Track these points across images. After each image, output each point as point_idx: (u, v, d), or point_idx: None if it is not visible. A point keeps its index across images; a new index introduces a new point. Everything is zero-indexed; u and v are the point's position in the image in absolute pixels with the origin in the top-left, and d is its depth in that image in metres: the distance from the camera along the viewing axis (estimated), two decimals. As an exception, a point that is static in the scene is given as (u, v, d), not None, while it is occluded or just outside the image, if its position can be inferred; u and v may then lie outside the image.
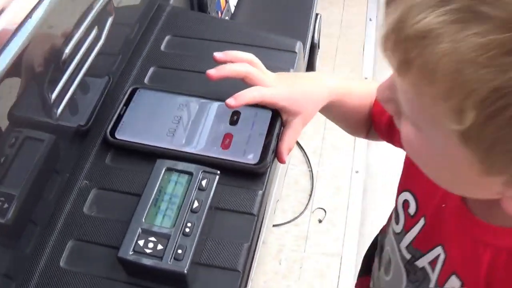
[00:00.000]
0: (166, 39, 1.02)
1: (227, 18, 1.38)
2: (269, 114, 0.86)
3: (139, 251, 0.72)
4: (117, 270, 0.74)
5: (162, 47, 1.01)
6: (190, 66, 0.96)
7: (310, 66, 1.57)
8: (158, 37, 1.02)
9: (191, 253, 0.71)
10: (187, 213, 0.74)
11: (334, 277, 2.08)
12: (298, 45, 1.01)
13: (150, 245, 0.72)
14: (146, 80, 0.96)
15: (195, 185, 0.76)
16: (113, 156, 0.87)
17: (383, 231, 0.95)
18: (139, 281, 0.75)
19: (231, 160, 0.82)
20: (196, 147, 0.84)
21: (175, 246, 0.72)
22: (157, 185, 0.77)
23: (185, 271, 0.70)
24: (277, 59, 0.98)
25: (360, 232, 2.19)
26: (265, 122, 0.86)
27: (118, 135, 0.87)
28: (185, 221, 0.73)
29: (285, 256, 2.14)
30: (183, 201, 0.75)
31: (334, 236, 2.19)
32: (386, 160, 2.40)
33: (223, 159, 0.82)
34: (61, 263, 0.76)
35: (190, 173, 0.77)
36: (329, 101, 0.87)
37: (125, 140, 0.86)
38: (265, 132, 0.85)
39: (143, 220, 0.74)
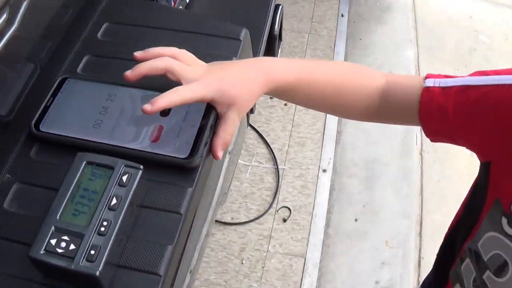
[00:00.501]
0: (104, 26, 0.96)
1: (181, 7, 1.32)
2: (203, 104, 0.80)
3: (50, 251, 0.66)
4: (33, 269, 0.69)
5: (99, 35, 0.95)
6: (128, 55, 0.89)
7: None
8: (96, 24, 0.96)
9: (106, 254, 0.66)
10: (103, 210, 0.68)
11: (297, 278, 2.03)
12: (244, 32, 0.95)
13: (63, 244, 0.66)
14: (79, 69, 0.90)
15: (115, 181, 0.70)
16: (38, 149, 0.81)
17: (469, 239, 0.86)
18: (53, 282, 0.70)
19: (159, 154, 0.76)
20: (123, 140, 0.78)
21: (88, 246, 0.66)
22: (75, 180, 0.71)
23: (97, 274, 0.64)
24: (220, 47, 0.92)
25: (325, 232, 2.14)
26: (198, 112, 0.80)
27: (43, 128, 0.81)
28: (101, 219, 0.68)
29: (247, 255, 2.09)
30: (101, 198, 0.69)
31: (298, 236, 2.14)
32: (354, 159, 2.35)
33: (150, 152, 0.77)
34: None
35: (111, 167, 0.71)
36: (275, 85, 0.81)
37: (50, 133, 0.80)
38: (199, 124, 0.79)
39: (58, 217, 0.68)
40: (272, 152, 2.34)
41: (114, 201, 0.69)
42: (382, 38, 2.80)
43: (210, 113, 0.79)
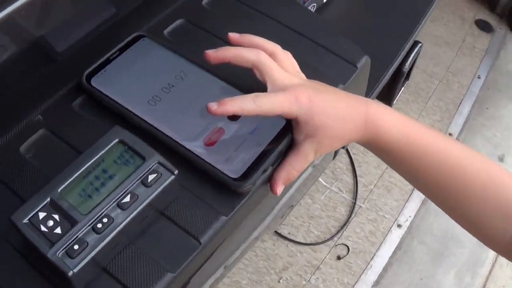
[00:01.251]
0: (216, -6, 0.82)
1: (311, 7, 1.17)
2: (281, 122, 0.65)
3: (33, 224, 0.54)
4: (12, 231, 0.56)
5: (205, 1, 0.80)
6: (224, 34, 0.75)
7: (389, 94, 1.34)
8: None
9: (91, 255, 0.52)
10: (111, 204, 0.55)
11: (326, 321, 1.85)
12: (364, 60, 0.78)
13: (50, 223, 0.54)
14: (166, 31, 0.76)
15: (139, 176, 0.56)
16: (82, 102, 0.69)
17: None
18: (27, 253, 0.57)
19: (206, 162, 0.62)
20: (173, 129, 0.64)
21: (75, 238, 0.53)
22: (98, 156, 0.58)
23: (69, 274, 0.51)
24: (330, 67, 0.76)
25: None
26: (271, 129, 0.65)
27: (95, 82, 0.68)
28: (102, 214, 0.54)
29: (287, 276, 1.93)
30: (115, 189, 0.55)
31: (345, 279, 1.96)
32: (433, 227, 2.14)
33: (197, 155, 0.62)
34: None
35: (142, 158, 0.57)
36: (372, 137, 0.64)
37: (99, 90, 0.67)
38: (266, 144, 0.64)
39: (59, 190, 0.55)
40: (357, 185, 2.16)
41: (127, 199, 0.55)
42: (510, 116, 2.53)
43: (284, 136, 0.64)
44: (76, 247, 0.52)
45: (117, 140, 0.58)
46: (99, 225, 0.53)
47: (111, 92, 0.66)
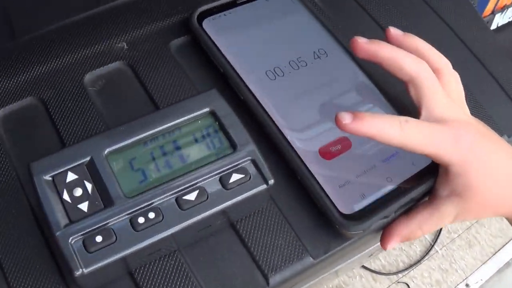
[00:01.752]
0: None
1: (488, 23, 0.95)
2: (425, 160, 0.45)
3: (56, 185, 0.38)
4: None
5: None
6: (383, 22, 0.56)
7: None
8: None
9: (116, 257, 0.36)
10: (167, 196, 0.37)
11: None
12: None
13: (77, 192, 0.38)
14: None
15: (219, 170, 0.39)
16: (184, 45, 0.51)
17: None
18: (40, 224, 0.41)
19: (315, 180, 0.43)
20: (286, 119, 0.46)
21: (102, 225, 0.36)
22: (176, 121, 0.40)
23: (76, 273, 0.35)
24: (498, 107, 0.55)
25: None
26: (410, 166, 0.46)
27: (207, 25, 0.51)
28: (152, 205, 0.37)
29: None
30: (182, 176, 0.38)
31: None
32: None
33: (305, 167, 0.44)
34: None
35: (233, 146, 0.40)
36: None
37: (209, 37, 0.50)
38: (398, 182, 0.44)
39: (106, 151, 0.38)
40: (441, 228, 1.94)
41: (191, 195, 0.38)
42: None
43: (424, 180, 0.44)
44: (99, 238, 0.36)
45: (208, 109, 0.41)
46: (141, 220, 0.36)
47: (223, 44, 0.49)
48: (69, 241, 0.35)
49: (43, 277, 0.39)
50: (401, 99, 0.49)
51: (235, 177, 0.39)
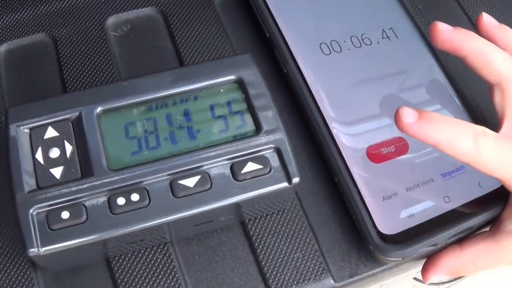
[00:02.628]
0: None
1: None
2: (493, 184, 0.35)
3: (31, 139, 0.30)
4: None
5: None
6: (475, 9, 0.45)
7: None
8: None
9: (81, 240, 0.28)
10: (160, 176, 0.29)
11: None
12: None
13: (54, 153, 0.30)
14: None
15: (233, 155, 0.30)
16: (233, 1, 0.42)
17: None
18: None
19: (355, 186, 0.34)
20: (333, 104, 0.36)
21: (73, 199, 0.28)
22: (194, 86, 0.31)
23: (30, 251, 0.27)
24: None
25: None
26: (473, 187, 0.35)
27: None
28: (139, 184, 0.28)
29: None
30: (184, 154, 0.29)
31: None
32: None
33: (346, 168, 0.34)
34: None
35: (257, 127, 0.30)
36: None
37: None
38: (457, 204, 0.34)
39: (99, 109, 0.30)
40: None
41: (190, 181, 0.29)
42: None
43: (488, 207, 0.34)
44: (65, 215, 0.28)
45: (234, 77, 0.32)
46: (121, 201, 0.28)
47: (275, 4, 0.39)
48: (30, 211, 0.27)
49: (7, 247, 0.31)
50: (479, 105, 0.38)
51: (250, 166, 0.30)
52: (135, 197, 0.28)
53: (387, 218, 0.33)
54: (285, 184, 0.30)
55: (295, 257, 0.33)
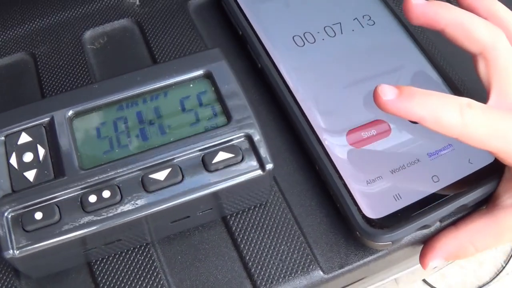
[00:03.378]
0: None
1: None
2: (486, 159, 0.33)
3: (6, 145, 0.30)
4: None
5: None
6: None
7: None
8: None
9: (57, 240, 0.27)
10: (130, 174, 0.28)
11: None
12: None
13: (28, 157, 0.30)
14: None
15: (204, 145, 0.29)
16: (204, 4, 0.42)
17: None
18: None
19: (337, 172, 0.32)
20: (308, 94, 0.35)
21: (46, 200, 0.28)
22: (163, 83, 0.31)
23: (6, 254, 0.27)
24: None
25: None
26: (464, 164, 0.33)
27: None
28: (106, 184, 0.28)
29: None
30: (155, 148, 0.29)
31: None
32: None
33: (326, 154, 0.33)
34: None
35: (227, 117, 0.30)
36: None
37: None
38: (446, 182, 0.32)
39: (71, 112, 0.30)
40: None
41: (159, 175, 0.28)
42: None
43: (481, 184, 0.32)
44: (38, 215, 0.27)
45: (203, 71, 0.31)
46: (92, 199, 0.27)
47: (247, 4, 0.39)
48: (5, 214, 0.27)
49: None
50: (467, 87, 0.37)
51: (221, 156, 0.29)
52: (106, 193, 0.27)
53: (372, 202, 0.31)
54: (259, 171, 0.29)
55: (280, 250, 0.31)
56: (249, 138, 0.29)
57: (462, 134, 0.29)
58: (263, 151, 0.29)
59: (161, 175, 0.28)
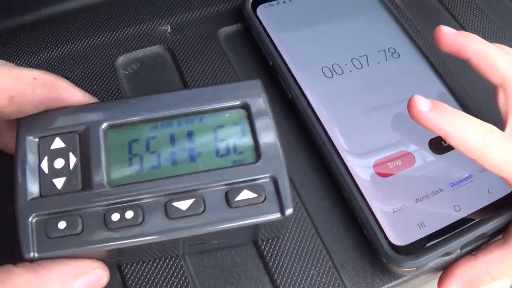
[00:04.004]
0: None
1: None
2: (507, 189, 0.35)
3: (40, 148, 0.30)
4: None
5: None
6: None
7: None
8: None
9: (76, 250, 0.28)
10: (155, 199, 0.30)
11: None
12: None
13: (59, 163, 0.30)
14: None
15: (226, 182, 0.30)
16: (234, 33, 0.45)
17: None
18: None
19: (364, 201, 0.34)
20: (337, 123, 0.37)
21: (72, 210, 0.29)
22: (200, 108, 0.32)
23: (27, 255, 0.28)
24: None
25: None
26: (487, 195, 0.35)
27: (260, 12, 0.43)
28: (130, 204, 0.29)
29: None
30: (183, 176, 0.30)
31: None
32: None
33: (354, 184, 0.35)
34: None
35: (257, 155, 0.31)
36: None
37: (261, 24, 0.42)
38: (468, 212, 0.34)
39: (104, 125, 0.31)
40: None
41: (182, 204, 0.29)
42: None
43: (500, 213, 0.34)
44: (62, 224, 0.28)
45: (240, 102, 0.33)
46: (115, 217, 0.28)
47: (276, 33, 0.41)
48: (30, 217, 0.28)
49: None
50: (482, 114, 0.39)
51: (245, 194, 0.30)
52: (129, 214, 0.29)
53: (398, 230, 0.33)
54: (278, 215, 0.30)
55: (309, 275, 0.33)
56: (274, 180, 0.30)
57: (482, 156, 0.31)
58: (285, 196, 0.30)
59: (184, 205, 0.29)
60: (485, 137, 0.31)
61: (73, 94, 0.32)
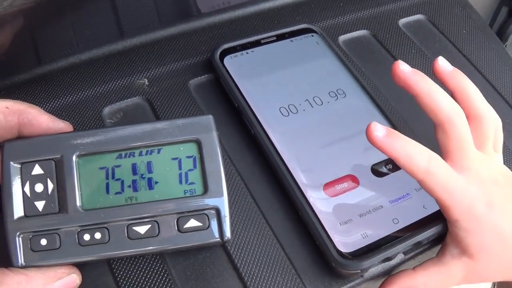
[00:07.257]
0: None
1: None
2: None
3: (22, 173, 0.40)
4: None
5: (401, 23, 0.64)
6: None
7: None
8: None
9: (57, 262, 0.39)
10: (119, 222, 0.40)
11: None
12: None
13: (37, 188, 0.39)
14: (342, 37, 0.61)
15: (178, 211, 0.40)
16: (203, 83, 0.56)
17: None
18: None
19: (315, 216, 0.45)
20: (292, 154, 0.48)
21: (48, 230, 0.39)
22: (159, 141, 0.41)
23: (15, 265, 0.38)
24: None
25: None
26: (421, 210, 0.47)
27: (227, 62, 0.54)
28: (99, 227, 0.40)
29: None
30: (139, 204, 0.40)
31: None
32: None
33: (307, 203, 0.46)
34: None
35: (204, 187, 0.41)
36: None
37: (228, 72, 0.53)
38: (405, 224, 0.45)
39: (75, 154, 0.40)
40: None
41: (141, 228, 0.40)
42: None
43: (433, 224, 0.45)
44: (43, 242, 0.38)
45: (194, 137, 0.41)
46: (87, 237, 0.39)
47: (241, 79, 0.53)
48: (17, 234, 0.38)
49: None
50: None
51: (192, 222, 0.40)
52: (98, 235, 0.38)
53: (344, 239, 0.44)
54: (218, 239, 0.40)
55: (277, 281, 0.43)
56: (217, 211, 0.40)
57: (424, 178, 0.40)
58: (225, 225, 0.40)
59: (142, 229, 0.39)
60: (430, 163, 0.40)
61: (42, 120, 0.40)
